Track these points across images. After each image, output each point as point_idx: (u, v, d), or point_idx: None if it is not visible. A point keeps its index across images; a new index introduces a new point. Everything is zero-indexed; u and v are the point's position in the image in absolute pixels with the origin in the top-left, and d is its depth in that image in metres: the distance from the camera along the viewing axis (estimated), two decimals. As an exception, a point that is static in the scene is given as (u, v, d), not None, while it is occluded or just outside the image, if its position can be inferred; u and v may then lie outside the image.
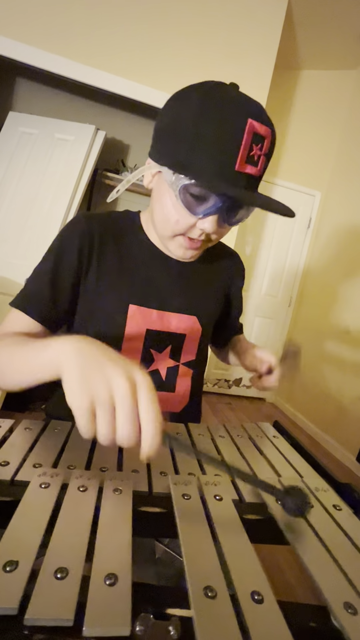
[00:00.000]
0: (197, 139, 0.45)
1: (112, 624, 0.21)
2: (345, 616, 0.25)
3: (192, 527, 0.32)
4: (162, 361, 0.63)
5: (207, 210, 0.49)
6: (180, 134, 0.47)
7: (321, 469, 0.50)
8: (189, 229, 0.53)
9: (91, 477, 0.36)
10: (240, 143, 0.44)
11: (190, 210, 0.49)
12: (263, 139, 0.46)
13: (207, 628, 0.22)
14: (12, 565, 0.24)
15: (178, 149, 0.47)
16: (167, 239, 0.57)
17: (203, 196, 0.48)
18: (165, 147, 0.50)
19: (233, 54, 2.02)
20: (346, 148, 2.87)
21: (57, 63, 1.79)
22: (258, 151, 0.46)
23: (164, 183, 0.51)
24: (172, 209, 0.51)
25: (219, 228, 0.53)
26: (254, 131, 0.45)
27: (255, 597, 0.25)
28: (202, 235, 0.53)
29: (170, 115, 0.50)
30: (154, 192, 0.56)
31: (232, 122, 0.44)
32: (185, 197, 0.49)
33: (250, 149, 0.45)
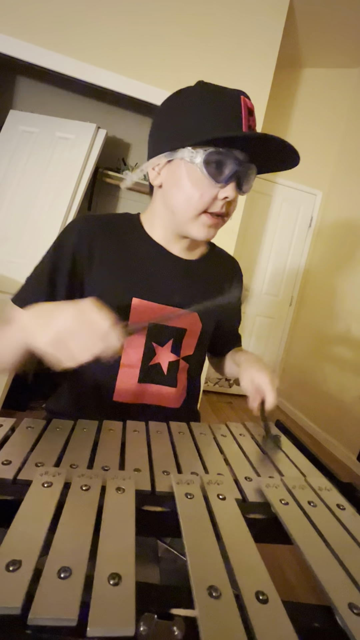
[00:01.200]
0: (206, 115, 0.52)
1: (115, 624, 0.21)
2: (350, 617, 0.25)
3: (195, 526, 0.32)
4: (163, 355, 0.64)
5: (227, 176, 0.54)
6: (188, 117, 0.53)
7: (324, 468, 0.50)
8: (211, 202, 0.56)
9: (93, 476, 0.36)
10: (240, 112, 0.52)
11: (214, 179, 0.54)
12: (253, 112, 0.54)
13: (211, 628, 0.22)
14: (15, 564, 0.24)
15: (191, 127, 0.53)
16: (191, 221, 0.59)
17: (222, 162, 0.53)
18: (175, 134, 0.55)
19: (234, 52, 2.01)
20: (348, 147, 2.86)
21: (58, 61, 1.78)
22: (253, 122, 0.54)
23: (179, 167, 0.56)
24: (193, 187, 0.55)
25: (235, 197, 0.58)
26: (247, 105, 0.53)
27: (260, 597, 0.25)
28: (223, 207, 0.57)
29: (172, 107, 0.56)
30: (169, 183, 0.58)
31: (230, 98, 0.52)
32: (208, 168, 0.53)
33: (248, 120, 0.53)
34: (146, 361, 0.63)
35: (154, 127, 0.59)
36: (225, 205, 0.57)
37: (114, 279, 0.61)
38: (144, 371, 0.63)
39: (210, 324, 0.70)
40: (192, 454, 0.48)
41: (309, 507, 0.38)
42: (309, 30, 2.42)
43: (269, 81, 2.08)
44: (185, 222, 0.59)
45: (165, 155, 0.56)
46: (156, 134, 0.59)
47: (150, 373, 0.63)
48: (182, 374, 0.67)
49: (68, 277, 0.59)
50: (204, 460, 0.46)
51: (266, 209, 2.96)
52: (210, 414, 2.55)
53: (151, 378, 0.63)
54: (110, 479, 0.36)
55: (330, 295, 2.69)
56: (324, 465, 0.50)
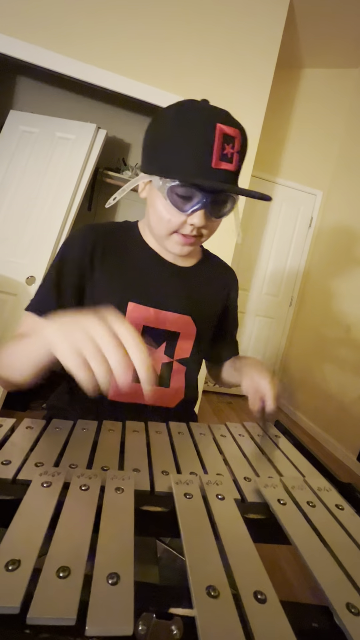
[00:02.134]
0: (175, 146, 0.52)
1: (114, 623, 0.21)
2: (347, 617, 0.25)
3: (194, 526, 0.32)
4: (157, 357, 0.66)
5: (193, 206, 0.55)
6: (161, 146, 0.55)
7: (323, 468, 0.50)
8: (180, 225, 0.58)
9: (93, 476, 0.36)
10: (212, 144, 0.51)
11: (179, 208, 0.55)
12: (233, 139, 0.52)
13: (209, 628, 0.22)
14: (14, 564, 0.24)
15: (161, 157, 0.55)
16: (164, 238, 0.62)
17: (189, 195, 0.54)
18: (150, 158, 0.58)
19: (234, 53, 2.02)
20: (348, 147, 2.86)
21: (58, 61, 1.79)
22: (230, 149, 0.52)
23: (154, 189, 0.58)
24: (164, 210, 0.58)
25: (208, 222, 0.58)
26: (224, 133, 0.51)
27: (258, 597, 0.25)
28: (193, 230, 0.58)
29: (152, 132, 0.57)
30: (148, 199, 0.62)
31: (204, 127, 0.51)
32: (173, 197, 0.55)
33: (222, 148, 0.51)
34: None
35: (143, 142, 0.60)
36: (196, 229, 0.58)
37: (111, 284, 0.64)
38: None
39: (206, 328, 0.71)
40: (192, 454, 0.48)
41: (308, 508, 0.38)
42: (309, 30, 2.42)
43: (269, 81, 2.08)
44: (160, 238, 0.63)
45: (144, 176, 0.59)
46: (142, 153, 0.60)
47: None
48: (177, 375, 0.68)
49: (73, 289, 0.63)
50: (203, 461, 0.46)
51: (266, 209, 2.97)
52: (210, 414, 2.55)
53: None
54: (109, 479, 0.36)
55: (330, 295, 2.69)
56: (323, 466, 0.50)
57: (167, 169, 0.54)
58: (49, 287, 0.62)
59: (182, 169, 0.52)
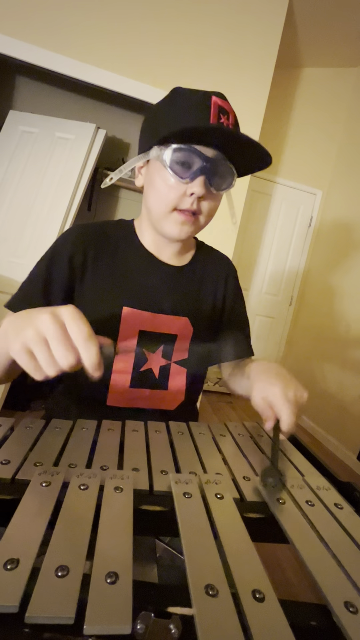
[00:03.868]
0: (172, 115, 0.53)
1: (112, 622, 0.21)
2: (345, 615, 0.25)
3: (193, 525, 0.32)
4: (154, 360, 0.64)
5: (193, 172, 0.54)
6: (158, 119, 0.56)
7: (322, 467, 0.50)
8: (180, 198, 0.56)
9: (92, 475, 0.36)
10: (209, 109, 0.52)
11: (179, 175, 0.54)
12: (228, 113, 0.53)
13: (208, 626, 0.22)
14: (13, 563, 0.24)
15: (158, 128, 0.55)
16: (163, 218, 0.59)
17: (188, 162, 0.54)
18: (148, 135, 0.57)
19: (234, 52, 2.01)
20: (347, 146, 2.86)
21: (57, 61, 1.79)
22: (226, 120, 0.53)
23: (153, 166, 0.57)
24: (163, 184, 0.56)
25: (207, 194, 0.56)
26: (219, 104, 0.52)
27: (257, 596, 0.25)
28: (194, 204, 0.56)
29: (148, 117, 0.59)
30: (146, 182, 0.61)
31: (199, 98, 0.52)
32: (173, 165, 0.54)
33: (218, 117, 0.52)
34: (137, 367, 0.63)
35: (141, 131, 0.61)
36: (196, 202, 0.56)
37: (105, 288, 0.62)
38: (135, 376, 0.63)
39: (204, 327, 0.68)
40: (191, 453, 0.48)
41: (307, 506, 0.38)
42: (308, 29, 2.42)
43: (269, 81, 2.08)
44: (158, 219, 0.60)
45: (142, 155, 0.58)
46: (139, 138, 0.61)
47: (141, 378, 0.63)
48: (176, 377, 0.67)
49: (62, 287, 0.60)
50: (202, 460, 0.46)
51: (266, 208, 2.97)
52: (210, 414, 2.55)
53: (143, 383, 0.63)
54: (108, 478, 0.36)
55: (330, 294, 2.69)
56: (322, 465, 0.50)
57: (163, 132, 0.53)
58: (36, 284, 0.59)
59: (179, 125, 0.52)
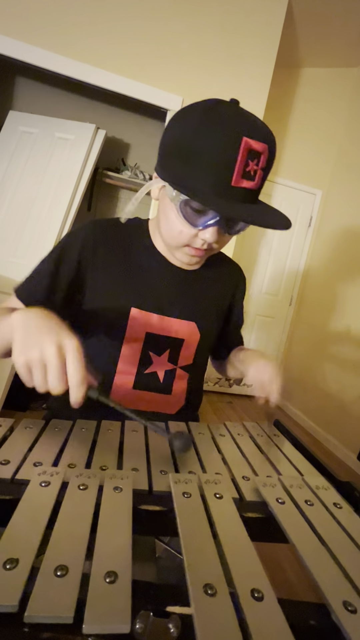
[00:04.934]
0: (194, 156, 0.47)
1: (111, 622, 0.21)
2: (344, 614, 0.25)
3: (193, 525, 0.32)
4: (160, 364, 0.64)
5: (206, 222, 0.52)
6: (179, 152, 0.49)
7: (322, 467, 0.50)
8: (191, 239, 0.55)
9: (91, 475, 0.37)
10: (235, 160, 0.46)
11: (191, 222, 0.52)
12: (259, 154, 0.47)
13: (207, 626, 0.22)
14: (12, 563, 0.24)
15: (177, 166, 0.50)
16: (173, 248, 0.60)
17: (202, 210, 0.51)
18: (166, 164, 0.52)
19: (233, 52, 2.02)
20: (347, 146, 2.86)
21: (57, 62, 1.79)
22: (254, 166, 0.47)
23: (166, 197, 0.54)
24: (176, 221, 0.54)
25: (221, 237, 0.55)
26: (249, 148, 0.46)
27: (255, 595, 0.25)
28: (204, 245, 0.55)
29: (171, 134, 0.51)
30: (160, 204, 0.59)
31: (227, 140, 0.45)
32: (186, 210, 0.51)
33: (246, 165, 0.46)
34: (142, 369, 0.63)
35: (161, 141, 0.55)
36: (207, 243, 0.55)
37: (114, 287, 0.61)
38: (139, 378, 0.63)
39: (210, 333, 0.69)
40: (190, 453, 0.48)
41: (306, 506, 0.38)
42: (307, 29, 2.42)
43: (268, 81, 2.08)
44: (169, 247, 0.61)
45: (157, 181, 0.55)
46: (159, 153, 0.55)
47: (145, 381, 0.63)
48: (180, 382, 0.67)
49: (67, 283, 0.60)
50: (201, 460, 0.47)
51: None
52: (210, 414, 2.55)
53: (146, 385, 0.63)
54: (107, 478, 0.36)
55: (330, 294, 2.69)
56: (322, 465, 0.50)
57: (181, 182, 0.49)
58: (44, 275, 0.59)
59: (198, 183, 0.47)
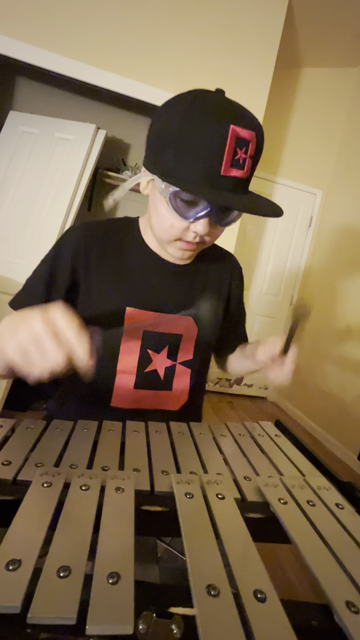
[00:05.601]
0: (182, 147, 0.47)
1: (114, 623, 0.21)
2: (347, 615, 0.25)
3: (195, 525, 0.32)
4: (159, 361, 0.64)
5: (197, 213, 0.51)
6: (166, 143, 0.49)
7: (323, 467, 0.50)
8: (183, 232, 0.54)
9: (93, 476, 0.36)
10: (223, 148, 0.45)
11: (182, 215, 0.51)
12: (247, 143, 0.47)
13: (210, 626, 0.22)
14: (14, 564, 0.24)
15: (165, 157, 0.49)
16: (165, 243, 0.59)
17: (193, 201, 0.50)
18: (154, 156, 0.52)
19: (234, 52, 2.01)
20: (347, 146, 2.86)
21: (57, 62, 1.79)
22: (243, 154, 0.47)
23: (156, 191, 0.54)
24: (166, 214, 0.53)
25: (212, 229, 0.55)
26: (237, 136, 0.45)
27: (258, 596, 0.25)
28: (196, 238, 0.55)
29: (158, 125, 0.51)
30: (150, 199, 0.58)
31: (215, 129, 0.45)
32: (176, 202, 0.51)
33: (234, 154, 0.46)
34: (142, 368, 0.63)
35: (147, 135, 0.55)
36: (199, 236, 0.54)
37: (108, 288, 0.61)
38: (140, 377, 0.63)
39: (208, 327, 0.69)
40: (192, 454, 0.48)
41: (308, 507, 0.38)
42: (308, 29, 2.41)
43: (269, 81, 2.08)
44: (161, 242, 0.60)
45: (146, 174, 0.54)
46: (146, 146, 0.55)
47: (146, 379, 0.63)
48: (181, 378, 0.67)
49: (65, 285, 0.60)
50: (203, 460, 0.46)
51: (266, 208, 2.96)
52: (211, 414, 2.55)
53: (147, 384, 0.63)
54: (109, 478, 0.36)
55: (331, 294, 2.69)
56: (323, 465, 0.50)
57: (170, 173, 0.49)
58: (38, 284, 0.59)
59: (187, 174, 0.47)
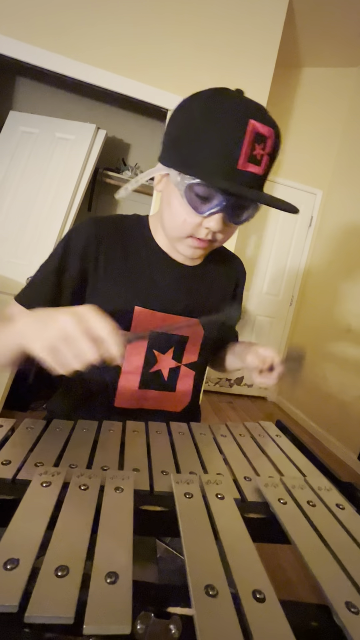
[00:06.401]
0: (200, 140, 0.47)
1: (112, 622, 0.21)
2: (347, 615, 0.25)
3: (194, 525, 0.32)
4: (164, 362, 0.64)
5: (211, 209, 0.50)
6: (184, 137, 0.49)
7: (324, 468, 0.50)
8: (195, 228, 0.54)
9: (92, 475, 0.36)
10: (242, 142, 0.45)
11: (196, 209, 0.51)
12: (265, 139, 0.47)
13: (208, 627, 0.22)
14: (13, 563, 0.24)
15: (183, 150, 0.49)
16: (176, 240, 0.58)
17: (207, 196, 0.50)
18: (171, 150, 0.52)
19: (234, 52, 2.01)
20: (347, 146, 2.86)
21: (57, 62, 1.79)
22: (261, 150, 0.47)
23: (171, 185, 0.53)
24: (180, 209, 0.53)
25: (225, 227, 0.54)
26: (256, 131, 0.46)
27: (257, 596, 0.25)
28: (208, 235, 0.54)
29: (176, 123, 0.52)
30: (163, 194, 0.57)
31: (234, 123, 0.46)
32: (191, 196, 0.50)
33: (252, 148, 0.46)
34: (147, 368, 0.63)
35: (165, 130, 0.55)
36: (211, 233, 0.54)
37: (117, 286, 0.60)
38: (144, 377, 0.63)
39: (213, 330, 0.69)
40: (192, 454, 0.48)
41: (308, 507, 0.38)
42: (308, 29, 2.41)
43: (269, 80, 2.08)
44: (172, 239, 0.59)
45: (162, 167, 0.54)
46: (163, 143, 0.55)
47: (150, 379, 0.63)
48: (184, 379, 0.66)
49: (74, 280, 0.58)
50: (203, 460, 0.46)
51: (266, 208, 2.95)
52: (211, 414, 2.55)
53: (151, 384, 0.63)
54: (109, 478, 0.36)
55: (331, 294, 2.68)
56: (324, 465, 0.50)
57: (187, 164, 0.48)
58: (46, 279, 0.57)
59: (204, 166, 0.47)
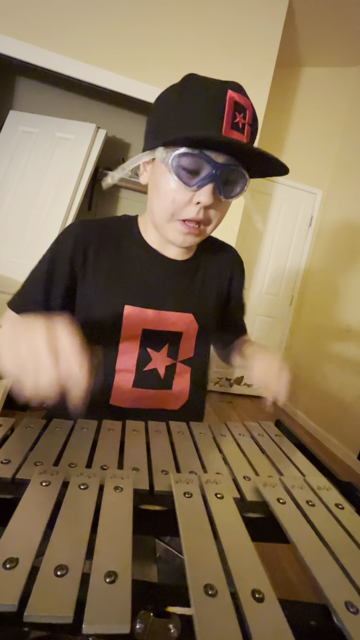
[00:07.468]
0: (182, 113, 0.49)
1: (111, 622, 0.21)
2: (346, 615, 0.25)
3: (193, 525, 0.32)
4: (159, 360, 0.63)
5: (201, 180, 0.50)
6: (167, 116, 0.51)
7: (323, 467, 0.50)
8: (185, 206, 0.52)
9: (92, 475, 0.36)
10: (223, 110, 0.47)
11: (185, 182, 0.50)
12: (245, 109, 0.49)
13: (207, 626, 0.22)
14: (12, 562, 0.24)
15: (166, 127, 0.51)
16: (166, 224, 0.56)
17: (196, 168, 0.49)
18: (155, 133, 0.53)
19: (234, 51, 2.01)
20: (347, 146, 2.86)
21: (57, 61, 1.79)
22: (242, 120, 0.49)
23: (158, 167, 0.53)
24: (168, 189, 0.52)
25: (216, 202, 0.52)
26: (235, 100, 0.48)
27: (256, 596, 0.25)
28: (200, 213, 0.52)
29: (156, 111, 0.54)
30: (150, 183, 0.57)
31: (213, 93, 0.48)
32: (179, 170, 0.49)
33: (233, 117, 0.48)
34: (141, 366, 0.62)
35: (146, 124, 0.57)
36: (202, 211, 0.52)
37: (106, 286, 0.60)
38: (138, 376, 0.62)
39: (209, 323, 0.68)
40: (191, 453, 0.48)
41: (307, 507, 0.38)
42: (308, 29, 2.41)
43: (269, 80, 2.08)
44: (161, 225, 0.58)
45: (146, 153, 0.54)
46: (145, 133, 0.56)
47: (145, 378, 0.63)
48: (181, 377, 0.66)
49: (64, 284, 0.59)
50: (202, 460, 0.46)
51: (266, 208, 2.96)
52: (211, 414, 2.55)
53: (146, 383, 0.63)
54: (108, 478, 0.36)
55: (331, 294, 2.68)
56: (323, 465, 0.50)
57: (172, 135, 0.48)
58: (37, 283, 0.58)
59: (190, 136, 0.47)
